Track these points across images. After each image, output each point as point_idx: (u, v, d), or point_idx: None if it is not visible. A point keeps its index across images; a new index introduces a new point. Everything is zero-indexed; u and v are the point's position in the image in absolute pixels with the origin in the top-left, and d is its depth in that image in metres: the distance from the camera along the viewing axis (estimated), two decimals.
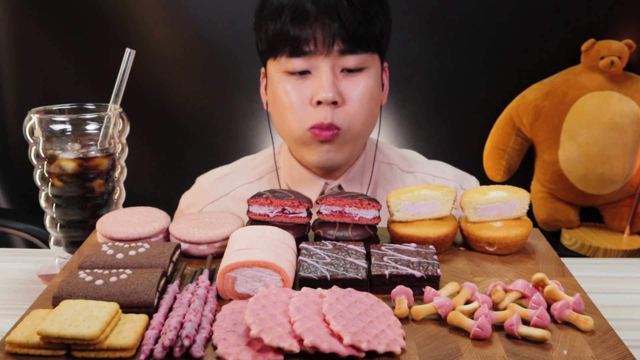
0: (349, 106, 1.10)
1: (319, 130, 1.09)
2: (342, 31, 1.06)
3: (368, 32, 1.08)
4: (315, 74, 1.09)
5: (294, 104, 1.10)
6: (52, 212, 1.02)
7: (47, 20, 2.29)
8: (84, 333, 0.61)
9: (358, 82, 1.10)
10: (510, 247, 0.87)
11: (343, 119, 1.09)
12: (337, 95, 1.07)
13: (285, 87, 1.10)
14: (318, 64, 1.08)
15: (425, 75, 2.34)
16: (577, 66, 2.31)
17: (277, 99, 1.13)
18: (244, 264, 0.73)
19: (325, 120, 1.08)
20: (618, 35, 2.27)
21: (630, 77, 2.29)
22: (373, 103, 1.13)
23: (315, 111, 1.09)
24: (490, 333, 0.66)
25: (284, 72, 1.10)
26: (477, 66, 2.33)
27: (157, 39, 2.30)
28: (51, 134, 0.99)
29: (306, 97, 1.09)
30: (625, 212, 2.34)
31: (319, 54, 1.07)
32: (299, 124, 1.10)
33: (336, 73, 1.09)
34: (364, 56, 1.09)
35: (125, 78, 1.04)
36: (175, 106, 2.38)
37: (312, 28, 1.06)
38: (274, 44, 1.10)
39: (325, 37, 1.06)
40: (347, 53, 1.08)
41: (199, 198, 1.32)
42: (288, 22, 1.06)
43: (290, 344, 0.61)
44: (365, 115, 1.12)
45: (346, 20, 1.05)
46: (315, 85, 1.08)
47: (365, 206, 0.87)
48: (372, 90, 1.12)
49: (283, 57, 1.09)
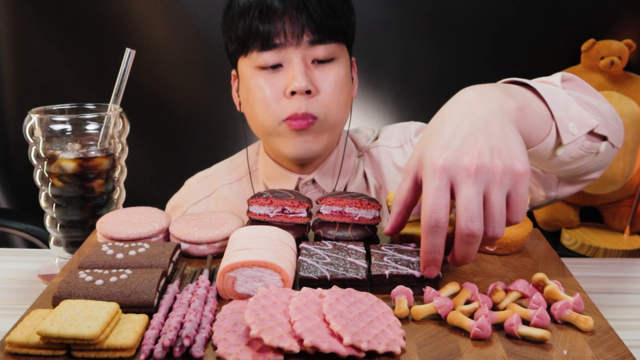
0: (322, 95, 1.11)
1: (294, 121, 1.10)
2: (310, 23, 1.08)
3: (335, 23, 1.10)
4: (287, 67, 1.11)
5: (267, 98, 1.11)
6: (52, 212, 1.02)
7: (47, 20, 2.29)
8: (84, 333, 0.61)
9: (329, 72, 1.12)
10: (510, 247, 0.87)
11: (318, 108, 1.11)
12: (310, 84, 1.09)
13: (257, 82, 1.12)
14: (289, 55, 1.10)
15: (425, 75, 2.34)
16: (577, 66, 2.31)
17: (250, 94, 1.14)
18: (244, 264, 0.73)
19: (299, 110, 1.09)
20: (618, 35, 2.27)
21: (630, 77, 2.29)
22: (345, 93, 1.15)
23: (289, 103, 1.10)
24: (490, 333, 0.66)
25: (256, 67, 1.12)
26: (478, 66, 2.32)
27: (157, 39, 2.30)
28: (51, 134, 0.99)
29: (279, 90, 1.10)
30: (625, 212, 2.34)
31: (289, 46, 1.09)
32: (273, 117, 1.11)
33: (307, 64, 1.11)
34: (333, 46, 1.11)
35: (125, 78, 1.04)
36: (175, 106, 2.38)
37: (281, 21, 1.08)
38: (244, 40, 1.11)
39: (294, 29, 1.08)
40: (316, 43, 1.10)
41: (183, 199, 1.34)
42: (256, 18, 1.08)
43: (290, 344, 0.61)
44: (339, 104, 1.13)
45: (314, 12, 1.07)
46: (288, 77, 1.10)
47: (365, 206, 0.87)
48: (344, 80, 1.14)
49: (254, 53, 1.11)
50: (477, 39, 2.30)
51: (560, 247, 2.34)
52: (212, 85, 2.32)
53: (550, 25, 2.28)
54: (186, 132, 2.40)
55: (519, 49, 2.30)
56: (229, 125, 2.36)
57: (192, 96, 2.36)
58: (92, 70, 2.29)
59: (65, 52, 2.31)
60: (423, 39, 2.30)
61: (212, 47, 2.29)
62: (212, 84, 2.32)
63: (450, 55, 2.32)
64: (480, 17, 2.28)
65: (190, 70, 2.34)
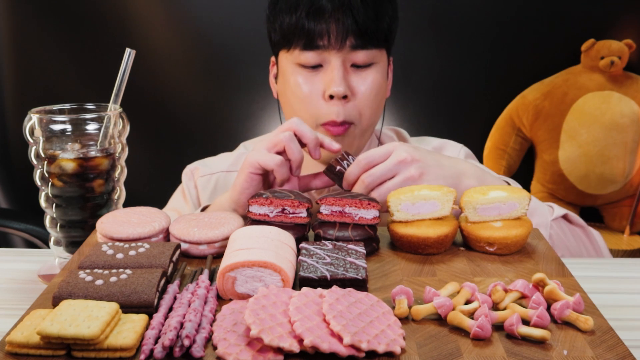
0: (358, 100, 1.13)
1: (332, 127, 1.12)
2: (354, 27, 1.09)
3: (378, 28, 1.12)
4: (326, 68, 1.12)
5: (306, 97, 1.13)
6: (52, 212, 1.02)
7: (47, 21, 2.29)
8: (84, 333, 0.61)
9: (367, 77, 1.14)
10: (510, 247, 0.87)
11: (355, 113, 1.13)
12: (347, 89, 1.11)
13: (297, 80, 1.14)
14: (330, 58, 1.11)
15: (425, 75, 2.34)
16: (577, 66, 2.31)
17: (289, 90, 1.16)
18: (244, 264, 0.73)
19: (338, 117, 1.11)
20: (618, 35, 2.27)
21: (630, 77, 2.29)
22: (380, 97, 1.17)
23: (326, 106, 1.12)
24: (490, 333, 0.66)
25: (296, 64, 1.14)
26: (477, 66, 2.33)
27: (157, 39, 2.31)
28: (51, 134, 0.99)
29: (318, 91, 1.12)
30: (625, 212, 2.34)
31: (332, 49, 1.11)
32: (311, 118, 1.14)
33: (347, 67, 1.13)
34: (373, 52, 1.13)
35: (125, 78, 1.04)
36: (175, 106, 2.38)
37: (327, 23, 1.09)
38: (288, 36, 1.13)
39: (338, 32, 1.09)
40: (358, 48, 1.11)
41: (215, 163, 1.35)
42: (304, 17, 1.09)
43: (290, 344, 0.61)
44: (373, 108, 1.16)
45: (359, 17, 1.08)
46: (327, 79, 1.12)
47: (365, 206, 0.87)
48: (380, 85, 1.16)
49: (296, 50, 1.12)
50: (477, 39, 2.30)
51: None
52: (212, 85, 2.32)
53: (550, 25, 2.28)
54: (186, 132, 2.40)
55: (519, 49, 2.31)
56: (229, 125, 2.36)
57: (192, 96, 2.36)
58: (92, 70, 2.29)
59: (65, 52, 2.31)
60: (423, 39, 2.30)
61: (212, 47, 2.29)
62: (212, 84, 2.32)
63: (450, 55, 2.32)
64: (480, 17, 2.28)
65: (190, 70, 2.34)
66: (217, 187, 1.30)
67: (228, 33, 2.24)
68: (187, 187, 1.32)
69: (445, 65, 2.33)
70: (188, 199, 1.31)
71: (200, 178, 1.32)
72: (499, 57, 2.31)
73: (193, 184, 1.32)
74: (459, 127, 2.39)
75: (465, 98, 2.35)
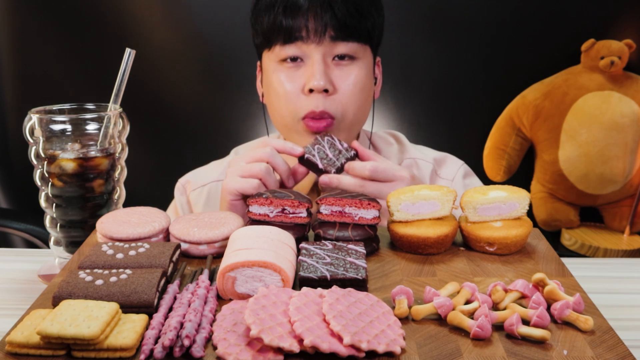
0: (340, 95, 1.13)
1: (312, 122, 1.12)
2: (334, 21, 1.10)
3: (360, 23, 1.12)
4: (307, 62, 1.13)
5: (287, 93, 1.13)
6: (52, 212, 1.02)
7: (48, 20, 2.29)
8: (84, 333, 0.61)
9: (350, 72, 1.13)
10: (510, 247, 0.87)
11: (335, 107, 1.12)
12: (328, 83, 1.11)
13: (279, 77, 1.14)
14: (310, 51, 1.12)
15: (425, 75, 2.34)
16: (577, 66, 2.31)
17: (272, 88, 1.16)
18: (244, 264, 0.73)
19: (317, 108, 1.11)
20: (618, 35, 2.27)
21: (630, 77, 2.29)
22: (365, 94, 1.16)
23: (307, 99, 1.12)
24: (490, 333, 0.66)
25: (278, 61, 1.14)
26: (477, 66, 2.33)
27: (157, 39, 2.30)
28: (51, 134, 0.99)
29: (299, 86, 1.13)
30: (625, 212, 2.34)
31: (311, 42, 1.11)
32: (292, 113, 1.13)
33: (327, 62, 1.13)
34: (355, 45, 1.13)
35: (125, 78, 1.04)
36: (175, 106, 2.38)
37: (305, 17, 1.10)
38: (268, 34, 1.14)
39: (317, 26, 1.10)
40: (338, 40, 1.11)
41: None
42: (280, 13, 1.10)
43: (290, 344, 0.61)
44: (357, 104, 1.15)
45: (338, 11, 1.09)
46: (307, 74, 1.12)
47: (365, 206, 0.87)
48: (364, 81, 1.15)
49: (277, 47, 1.13)
50: (477, 39, 2.30)
51: (560, 247, 2.34)
52: (212, 85, 2.32)
53: (550, 25, 2.28)
54: (186, 132, 2.40)
55: (518, 49, 2.31)
56: (229, 125, 2.36)
57: (191, 96, 2.36)
58: (92, 70, 2.29)
59: (65, 52, 2.31)
60: (423, 39, 2.30)
61: (212, 47, 2.29)
62: (212, 84, 2.32)
63: (450, 55, 2.32)
64: (480, 17, 2.28)
65: (190, 70, 2.34)
66: (209, 197, 1.30)
67: (228, 33, 2.24)
68: (179, 203, 1.32)
69: (445, 65, 2.32)
70: (180, 215, 1.31)
71: (193, 192, 1.31)
72: (499, 57, 2.31)
73: (185, 199, 1.32)
74: (459, 127, 2.39)
75: (465, 98, 2.35)
